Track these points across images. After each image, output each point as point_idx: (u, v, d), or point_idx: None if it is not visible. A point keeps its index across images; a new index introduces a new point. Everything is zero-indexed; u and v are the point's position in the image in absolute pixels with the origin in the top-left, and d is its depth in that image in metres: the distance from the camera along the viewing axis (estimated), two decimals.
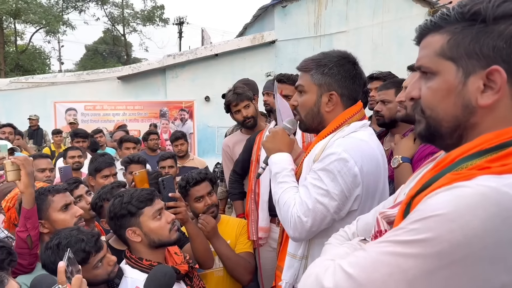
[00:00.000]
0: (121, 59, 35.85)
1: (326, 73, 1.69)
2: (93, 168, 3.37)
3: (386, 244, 0.79)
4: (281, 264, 1.79)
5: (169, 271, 1.63)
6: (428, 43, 0.90)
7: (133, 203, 1.82)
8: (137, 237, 1.82)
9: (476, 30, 0.82)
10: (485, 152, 0.80)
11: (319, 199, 1.54)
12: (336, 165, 1.54)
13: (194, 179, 2.45)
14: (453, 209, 0.71)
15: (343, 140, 1.61)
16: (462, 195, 0.72)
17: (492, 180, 0.73)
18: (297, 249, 1.68)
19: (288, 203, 1.61)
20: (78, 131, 5.75)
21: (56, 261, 1.68)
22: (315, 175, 1.58)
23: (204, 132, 11.11)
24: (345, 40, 10.74)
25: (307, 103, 1.74)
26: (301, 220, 1.55)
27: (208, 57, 10.86)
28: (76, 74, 11.79)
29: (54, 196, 2.07)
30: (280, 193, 1.67)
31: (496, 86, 0.82)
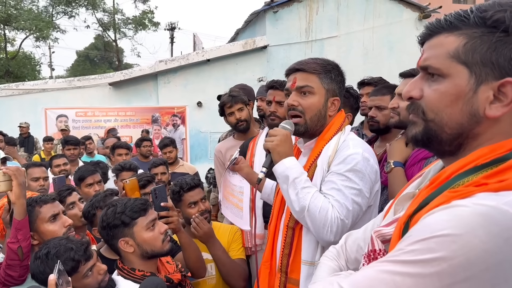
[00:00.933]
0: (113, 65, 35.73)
1: (333, 79, 1.78)
2: (77, 177, 3.36)
3: (385, 263, 0.77)
4: (293, 277, 1.72)
5: (160, 282, 1.61)
6: (439, 42, 0.86)
7: (126, 213, 1.79)
8: (130, 248, 1.80)
9: (495, 39, 0.79)
10: (480, 168, 0.79)
11: (355, 200, 1.62)
12: (362, 165, 1.64)
13: (188, 185, 2.43)
14: (454, 230, 0.70)
15: (355, 141, 1.72)
16: (462, 215, 0.70)
17: (491, 199, 0.71)
18: (314, 256, 1.67)
19: (325, 208, 1.59)
20: (69, 138, 5.70)
21: (45, 271, 1.65)
22: (343, 177, 1.63)
23: (196, 137, 11.09)
24: (336, 45, 10.82)
25: (315, 105, 1.75)
26: (344, 223, 1.60)
27: (200, 62, 10.87)
28: (67, 80, 11.73)
29: (42, 207, 2.04)
30: (309, 199, 1.61)
31: (506, 99, 0.80)
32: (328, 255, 1.19)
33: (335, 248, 1.21)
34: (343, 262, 1.16)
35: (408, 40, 10.56)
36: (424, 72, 0.89)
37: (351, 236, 1.21)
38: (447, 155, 0.90)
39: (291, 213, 1.73)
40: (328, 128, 1.78)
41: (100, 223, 1.85)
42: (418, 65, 0.91)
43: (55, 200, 2.13)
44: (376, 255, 0.91)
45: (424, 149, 1.03)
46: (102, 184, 3.50)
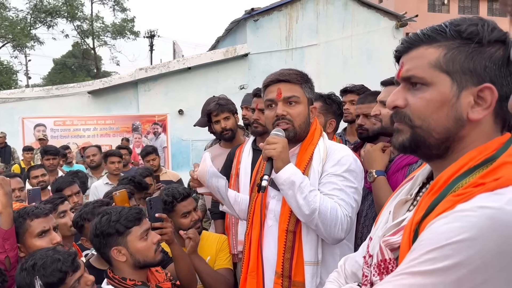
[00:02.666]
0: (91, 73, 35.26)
1: (312, 88, 1.93)
2: (54, 189, 3.31)
3: (403, 276, 0.79)
4: (297, 279, 1.75)
5: None
6: (420, 54, 0.91)
7: (121, 222, 1.78)
8: (122, 257, 1.79)
9: (471, 49, 0.87)
10: (474, 169, 0.84)
11: (355, 197, 1.79)
12: (355, 165, 1.81)
13: (181, 195, 2.42)
14: (469, 236, 0.73)
15: (338, 144, 1.95)
16: (473, 220, 0.74)
17: (492, 199, 0.76)
18: (316, 255, 1.76)
19: (334, 207, 1.70)
20: (48, 148, 5.62)
21: (31, 282, 1.63)
22: (341, 178, 1.77)
23: (178, 145, 11.03)
24: (316, 53, 10.97)
25: (303, 113, 1.86)
26: (352, 220, 1.75)
27: (181, 70, 10.85)
28: (45, 89, 11.55)
29: (33, 221, 2.00)
30: (319, 201, 1.68)
31: (485, 103, 0.87)
32: (330, 279, 1.22)
33: (336, 271, 1.25)
34: (342, 280, 1.19)
35: (385, 48, 10.76)
36: (405, 82, 0.94)
37: (349, 257, 1.25)
38: (435, 158, 0.94)
39: (289, 218, 1.76)
40: (312, 133, 1.89)
41: (93, 230, 1.82)
42: (399, 77, 0.96)
43: (48, 214, 2.08)
44: (387, 264, 0.93)
45: (412, 155, 1.07)
46: (81, 195, 3.45)
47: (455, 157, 0.90)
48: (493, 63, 0.86)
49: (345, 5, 11.25)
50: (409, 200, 1.03)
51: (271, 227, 1.85)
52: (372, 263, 0.98)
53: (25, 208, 2.07)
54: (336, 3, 11.17)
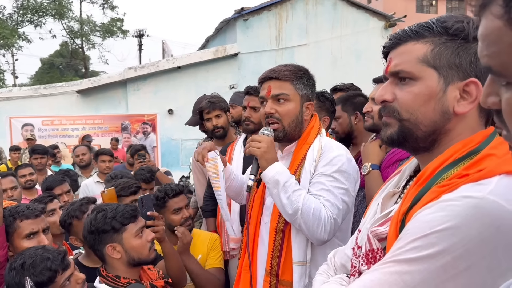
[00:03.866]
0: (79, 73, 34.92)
1: (306, 84, 1.85)
2: (44, 188, 3.29)
3: (390, 264, 0.82)
4: (285, 278, 1.76)
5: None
6: (407, 50, 0.94)
7: (117, 218, 1.78)
8: (117, 254, 1.78)
9: (457, 45, 0.90)
10: (458, 161, 0.88)
11: (344, 199, 1.72)
12: (347, 165, 1.75)
13: (173, 191, 2.43)
14: (452, 224, 0.76)
15: (334, 143, 1.85)
16: (457, 209, 0.77)
17: (476, 189, 0.79)
18: (305, 256, 1.74)
19: (318, 208, 1.66)
20: (36, 147, 5.57)
21: (21, 282, 1.61)
22: (331, 178, 1.72)
23: (167, 145, 10.98)
24: (306, 52, 11.00)
25: (292, 112, 1.82)
26: (336, 222, 1.69)
27: (171, 69, 10.81)
28: (32, 88, 11.42)
29: (22, 222, 1.97)
30: (302, 201, 1.66)
31: (470, 97, 0.90)
32: (319, 271, 1.24)
33: (325, 263, 1.27)
34: (332, 272, 1.21)
35: (374, 48, 10.76)
36: (393, 77, 0.97)
37: (339, 250, 1.27)
38: (422, 151, 0.97)
39: (279, 216, 1.76)
40: (309, 131, 1.85)
41: (88, 227, 1.81)
42: (387, 72, 0.98)
43: (38, 216, 2.04)
44: (374, 254, 0.95)
45: (399, 148, 1.10)
46: (71, 193, 3.43)
47: (441, 150, 0.93)
48: (478, 58, 0.89)
49: (334, 5, 11.31)
50: (396, 192, 1.06)
51: (267, 224, 1.86)
52: (361, 254, 1.00)
53: (16, 207, 2.05)
54: (325, 3, 11.22)
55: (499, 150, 0.87)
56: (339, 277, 1.11)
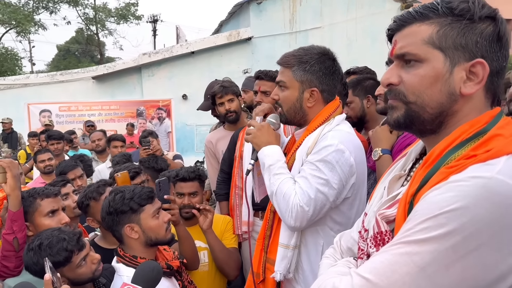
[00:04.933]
0: (94, 59, 35.19)
1: (308, 70, 1.77)
2: (58, 173, 3.36)
3: (399, 245, 0.82)
4: (271, 257, 1.81)
5: (156, 266, 1.63)
6: (413, 32, 0.93)
7: (135, 199, 1.82)
8: (135, 234, 1.83)
9: (463, 26, 0.89)
10: (466, 142, 0.87)
11: (320, 189, 1.64)
12: (334, 156, 1.65)
13: (182, 176, 2.48)
14: (462, 204, 0.76)
15: (335, 133, 1.72)
16: (466, 189, 0.77)
17: (484, 169, 0.79)
18: (290, 239, 1.73)
19: (288, 194, 1.66)
20: (52, 133, 5.65)
21: (38, 262, 1.67)
22: (313, 166, 1.66)
23: (182, 130, 11.06)
24: (320, 36, 10.86)
25: (289, 99, 1.80)
26: (303, 210, 1.63)
27: (184, 55, 10.82)
28: (49, 74, 11.57)
29: (43, 200, 2.05)
30: (277, 185, 1.69)
31: (477, 78, 0.89)
32: (326, 254, 1.25)
33: (331, 247, 1.28)
34: (338, 256, 1.22)
35: None
36: (399, 60, 0.96)
37: (345, 233, 1.28)
38: (429, 133, 0.97)
39: None
40: (315, 118, 1.81)
41: (106, 208, 1.85)
42: (392, 54, 0.97)
43: (57, 195, 2.13)
44: (383, 236, 0.96)
45: (406, 131, 1.09)
46: (85, 178, 3.50)
47: (447, 132, 0.92)
48: (484, 38, 0.88)
49: None
50: (403, 175, 1.05)
51: (269, 204, 1.90)
52: (368, 236, 1.00)
53: (34, 188, 2.12)
54: None
55: (506, 130, 0.86)
56: (347, 260, 1.12)
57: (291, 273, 1.75)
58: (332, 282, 0.90)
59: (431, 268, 0.77)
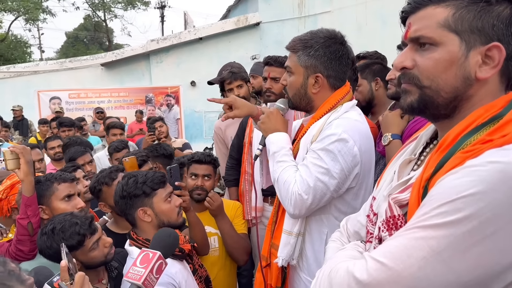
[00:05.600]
0: (103, 46, 35.23)
1: (312, 55, 1.71)
2: (67, 159, 3.40)
3: (415, 230, 0.81)
4: (275, 242, 1.83)
5: (173, 232, 1.65)
6: (428, 14, 0.91)
7: (148, 183, 1.85)
8: (148, 217, 1.85)
9: (480, 8, 0.87)
10: (481, 127, 0.86)
11: (320, 178, 1.61)
12: (336, 145, 1.60)
13: (197, 157, 2.56)
14: (479, 189, 0.75)
15: (341, 121, 1.66)
16: (483, 174, 0.76)
17: (501, 154, 0.78)
18: (293, 227, 1.73)
19: (289, 181, 1.65)
20: (63, 119, 5.68)
21: (52, 246, 1.70)
22: (315, 155, 1.63)
23: (191, 117, 11.08)
24: (330, 20, 10.72)
25: (294, 84, 1.77)
26: (302, 198, 1.61)
27: (192, 41, 10.78)
28: (58, 62, 11.62)
29: (60, 185, 2.09)
30: (279, 172, 1.69)
31: (493, 62, 0.87)
32: (332, 238, 1.25)
33: (338, 231, 1.27)
34: (345, 239, 1.21)
35: None
36: (413, 43, 0.94)
37: (351, 217, 1.27)
38: (442, 118, 0.95)
39: None
40: (322, 106, 1.76)
41: (120, 192, 1.88)
42: (406, 37, 0.95)
43: (74, 180, 2.17)
44: (396, 220, 0.95)
45: (419, 115, 1.07)
46: (94, 163, 3.53)
47: (462, 116, 0.91)
48: (501, 21, 0.86)
49: None
50: (413, 160, 1.04)
51: None
52: (379, 220, 1.00)
53: (51, 173, 2.16)
54: None
55: None
56: (355, 243, 1.11)
57: (295, 260, 1.75)
58: (346, 266, 0.89)
59: (447, 253, 0.77)
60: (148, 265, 1.37)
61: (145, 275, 1.34)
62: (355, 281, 0.84)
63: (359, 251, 1.05)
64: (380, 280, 0.81)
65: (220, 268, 2.54)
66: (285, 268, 1.81)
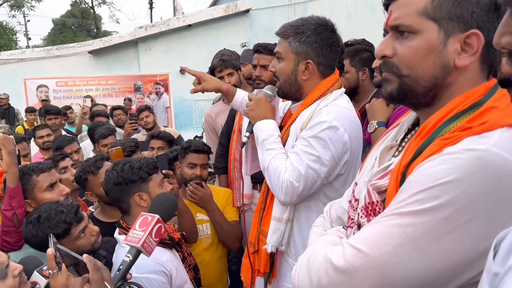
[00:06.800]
0: (91, 33, 34.70)
1: (304, 41, 1.71)
2: (54, 148, 3.37)
3: (392, 217, 0.82)
4: (264, 229, 1.84)
5: (171, 196, 1.66)
6: (407, 2, 0.91)
7: (143, 169, 1.84)
8: (144, 203, 1.83)
9: None
10: (461, 114, 0.86)
11: (311, 165, 1.62)
12: (327, 133, 1.61)
13: (196, 146, 2.53)
14: (456, 176, 0.76)
15: (331, 108, 1.67)
16: (460, 162, 0.77)
17: (479, 142, 0.78)
18: (282, 213, 1.75)
19: (279, 169, 1.65)
20: (49, 107, 5.58)
21: (37, 234, 1.69)
22: (306, 142, 1.64)
23: (180, 105, 11.00)
24: (320, 7, 10.67)
25: (284, 71, 1.76)
26: (293, 185, 1.62)
27: (181, 28, 10.66)
28: (45, 49, 11.43)
29: (39, 176, 2.05)
30: (269, 160, 1.69)
31: (472, 49, 0.87)
32: (316, 223, 1.25)
33: (321, 216, 1.28)
34: (328, 225, 1.22)
35: None
36: (394, 31, 0.94)
37: (334, 203, 1.28)
38: (423, 106, 0.95)
39: None
40: (311, 93, 1.76)
41: (115, 179, 1.83)
42: (387, 25, 0.95)
43: (51, 168, 2.13)
44: (374, 207, 0.95)
45: (400, 104, 1.07)
46: (81, 152, 3.51)
47: (442, 104, 0.91)
48: (481, 8, 0.86)
49: None
50: (394, 146, 1.05)
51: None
52: (359, 206, 1.01)
53: (27, 165, 2.11)
54: None
55: (501, 103, 0.85)
56: (336, 229, 1.12)
57: (284, 246, 1.77)
58: (324, 252, 0.89)
59: (423, 240, 0.77)
60: (147, 228, 1.37)
61: (144, 237, 1.34)
62: (333, 267, 0.85)
63: (340, 236, 1.06)
64: (357, 266, 0.81)
65: (212, 254, 2.56)
66: (273, 254, 1.82)
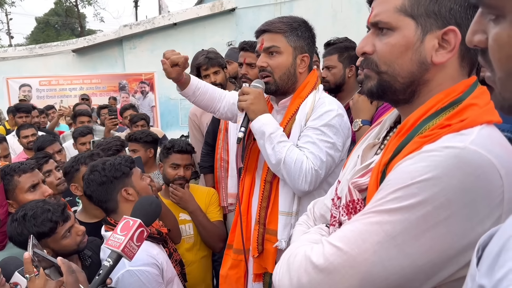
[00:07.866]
0: (75, 31, 34.25)
1: (301, 36, 1.82)
2: (35, 148, 3.31)
3: (370, 214, 0.82)
4: (271, 227, 1.82)
5: (154, 200, 1.64)
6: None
7: (124, 164, 1.84)
8: (131, 197, 1.80)
9: None
10: (441, 111, 0.86)
11: (329, 152, 1.73)
12: (337, 120, 1.75)
13: (180, 147, 2.52)
14: (434, 174, 0.76)
15: (330, 99, 1.84)
16: (438, 159, 0.77)
17: (457, 140, 0.78)
18: (291, 207, 1.78)
19: (300, 159, 1.69)
20: (20, 105, 5.44)
21: (23, 233, 1.66)
22: (318, 131, 1.73)
23: (166, 104, 10.92)
24: (305, 6, 10.69)
25: (283, 64, 1.81)
26: (318, 173, 1.70)
27: (167, 26, 10.57)
28: (28, 48, 11.23)
29: (21, 177, 2.01)
30: (285, 152, 1.70)
31: (449, 46, 0.87)
32: (299, 221, 1.26)
33: (305, 214, 1.28)
34: (311, 223, 1.22)
35: None
36: (374, 28, 0.95)
37: (318, 200, 1.28)
38: (402, 103, 0.96)
39: (268, 168, 1.81)
40: (304, 86, 1.84)
41: (99, 179, 1.78)
42: (369, 22, 0.96)
43: (34, 169, 2.09)
44: (355, 205, 0.96)
45: (380, 100, 1.08)
46: (64, 153, 3.44)
47: (421, 101, 0.91)
48: (459, 5, 0.86)
49: None
50: (376, 144, 1.06)
51: (262, 175, 1.90)
52: (341, 204, 1.01)
53: (9, 165, 2.07)
54: None
55: (481, 100, 0.86)
56: (319, 227, 1.12)
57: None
58: (304, 250, 0.89)
59: (401, 238, 0.78)
60: (128, 233, 1.34)
61: (124, 242, 1.31)
62: (312, 266, 0.85)
63: (321, 234, 1.06)
64: (336, 265, 0.81)
65: (195, 254, 2.55)
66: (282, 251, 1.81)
